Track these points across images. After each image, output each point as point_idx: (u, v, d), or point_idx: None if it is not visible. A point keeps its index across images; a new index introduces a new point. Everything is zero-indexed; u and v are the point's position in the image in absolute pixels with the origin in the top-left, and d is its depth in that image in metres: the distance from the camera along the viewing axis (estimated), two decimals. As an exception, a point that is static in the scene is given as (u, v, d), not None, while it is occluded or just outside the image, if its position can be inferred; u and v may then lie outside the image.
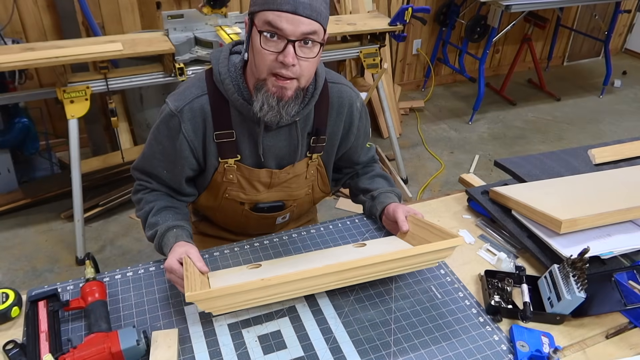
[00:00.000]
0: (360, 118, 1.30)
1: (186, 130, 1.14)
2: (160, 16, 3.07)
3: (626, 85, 4.59)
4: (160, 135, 1.18)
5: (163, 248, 1.14)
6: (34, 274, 2.37)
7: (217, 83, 1.14)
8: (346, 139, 1.31)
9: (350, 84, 1.28)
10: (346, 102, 1.25)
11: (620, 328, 1.04)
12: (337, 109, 1.24)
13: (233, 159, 1.20)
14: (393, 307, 1.07)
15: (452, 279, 1.16)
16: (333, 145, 1.30)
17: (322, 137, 1.25)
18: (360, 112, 1.29)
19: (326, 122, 1.24)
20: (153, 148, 1.21)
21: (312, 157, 1.27)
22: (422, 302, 1.09)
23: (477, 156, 3.42)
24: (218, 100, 1.15)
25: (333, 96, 1.23)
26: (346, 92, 1.25)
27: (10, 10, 2.73)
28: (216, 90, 1.15)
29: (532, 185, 1.37)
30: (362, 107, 1.30)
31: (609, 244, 1.15)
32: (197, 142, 1.17)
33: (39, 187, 2.77)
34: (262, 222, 1.36)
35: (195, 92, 1.15)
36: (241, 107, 1.13)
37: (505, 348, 0.99)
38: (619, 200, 1.23)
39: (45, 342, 0.93)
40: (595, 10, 4.57)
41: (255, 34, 1.02)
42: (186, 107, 1.13)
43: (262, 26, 1.00)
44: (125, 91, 3.01)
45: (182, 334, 0.98)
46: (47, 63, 2.10)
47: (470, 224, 1.34)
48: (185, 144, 1.16)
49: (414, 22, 3.29)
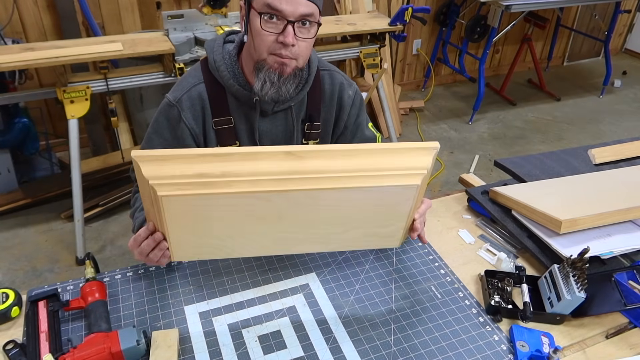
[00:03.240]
0: (353, 106, 1.30)
1: (187, 119, 1.16)
2: (160, 16, 3.07)
3: (626, 85, 4.59)
4: (160, 127, 1.18)
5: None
6: (34, 274, 2.37)
7: (212, 71, 1.17)
8: (337, 126, 1.32)
9: (343, 73, 1.30)
10: (337, 88, 1.27)
11: (620, 328, 1.04)
12: (329, 95, 1.26)
13: (232, 146, 1.20)
14: (393, 307, 1.07)
15: (452, 279, 1.16)
16: (327, 132, 1.31)
17: (316, 124, 1.26)
18: (354, 100, 1.30)
19: (319, 109, 1.26)
20: (153, 142, 1.20)
21: (308, 144, 1.28)
22: (422, 302, 1.09)
23: (477, 156, 3.42)
24: (214, 87, 1.17)
25: (325, 83, 1.26)
26: (337, 79, 1.27)
27: (10, 10, 2.73)
28: (212, 78, 1.17)
29: (532, 185, 1.38)
30: (355, 95, 1.30)
31: (609, 244, 1.15)
32: (198, 129, 1.18)
33: (39, 187, 2.77)
34: None
35: (192, 81, 1.18)
36: (237, 92, 1.16)
37: (505, 348, 0.99)
38: (619, 200, 1.23)
39: (45, 342, 0.93)
40: (595, 10, 4.57)
41: (255, 16, 1.05)
42: (184, 96, 1.16)
43: (262, 8, 1.03)
44: (125, 91, 3.01)
45: (182, 334, 0.98)
46: (47, 63, 2.10)
47: (470, 224, 1.34)
48: (187, 132, 1.17)
49: (414, 22, 3.29)
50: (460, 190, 1.48)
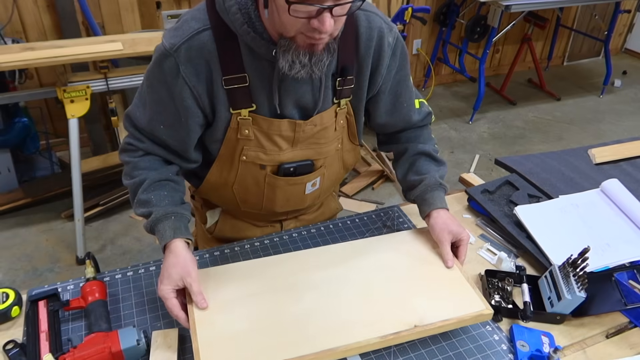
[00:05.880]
0: (393, 56, 1.08)
1: (186, 74, 0.95)
2: (160, 16, 3.07)
3: (626, 85, 4.59)
4: (154, 80, 0.98)
5: (156, 235, 1.01)
6: (34, 274, 2.37)
7: (221, 13, 0.94)
8: (372, 81, 1.09)
9: (383, 14, 1.06)
10: (375, 33, 1.03)
11: (620, 328, 1.04)
12: (365, 42, 1.02)
13: (247, 109, 1.01)
14: (393, 306, 1.07)
15: (452, 278, 1.15)
16: (361, 87, 1.08)
17: (349, 78, 1.04)
18: (394, 50, 1.07)
19: (353, 59, 1.03)
20: (145, 97, 1.01)
21: (340, 103, 1.08)
22: (422, 302, 1.09)
23: (477, 156, 3.42)
24: (224, 35, 0.94)
25: (361, 25, 1.01)
26: (376, 22, 1.03)
27: (10, 10, 2.73)
28: (221, 23, 0.94)
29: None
30: (396, 43, 1.07)
31: (606, 258, 1.14)
32: (201, 88, 0.97)
33: (39, 187, 2.77)
34: (289, 191, 1.16)
35: (195, 25, 0.94)
36: (252, 41, 0.93)
37: (505, 348, 0.99)
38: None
39: (45, 341, 0.93)
40: (595, 10, 4.57)
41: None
42: (184, 45, 0.93)
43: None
44: (125, 91, 3.00)
45: (183, 334, 0.98)
46: (47, 63, 2.10)
47: (471, 224, 1.34)
48: (186, 91, 0.97)
49: (414, 22, 3.29)
50: (461, 189, 1.48)
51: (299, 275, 1.03)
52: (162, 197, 1.02)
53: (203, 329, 0.90)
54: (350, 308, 0.96)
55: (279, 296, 0.98)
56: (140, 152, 1.06)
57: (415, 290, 1.01)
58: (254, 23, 0.92)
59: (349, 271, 1.05)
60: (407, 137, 1.24)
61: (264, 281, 1.01)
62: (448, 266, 1.06)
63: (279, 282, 1.01)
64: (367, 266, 1.06)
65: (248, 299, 0.97)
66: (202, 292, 0.94)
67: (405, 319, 0.94)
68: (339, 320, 0.94)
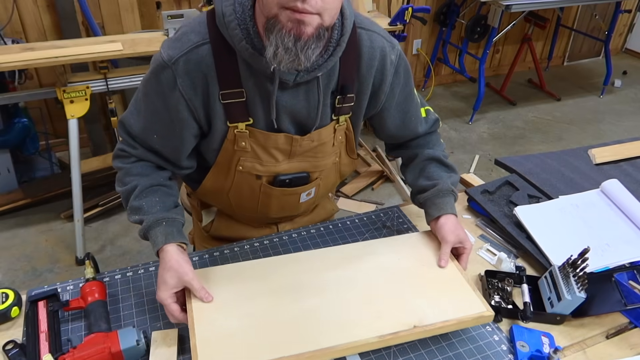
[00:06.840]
0: (396, 74, 1.08)
1: (183, 87, 0.95)
2: (160, 16, 3.07)
3: (626, 85, 4.59)
4: (150, 90, 0.98)
5: (150, 241, 1.01)
6: (34, 274, 2.37)
7: (220, 28, 0.93)
8: (374, 100, 1.09)
9: (385, 32, 1.06)
10: (377, 53, 1.03)
11: (620, 328, 1.04)
12: (367, 62, 1.02)
13: (244, 123, 1.01)
14: (393, 307, 1.07)
15: (452, 279, 1.15)
16: (361, 105, 1.09)
17: (349, 96, 1.04)
18: (397, 67, 1.08)
19: (354, 78, 1.03)
20: (140, 105, 1.01)
21: (339, 120, 1.08)
22: (422, 302, 1.09)
23: (477, 156, 3.42)
24: (223, 50, 0.94)
25: (363, 46, 1.01)
26: (378, 42, 1.03)
27: (10, 10, 2.73)
28: (220, 38, 0.93)
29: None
30: (398, 60, 1.07)
31: (606, 258, 1.14)
32: (198, 101, 0.97)
33: (39, 187, 2.77)
34: (284, 200, 1.18)
35: (194, 39, 0.94)
36: (250, 58, 0.93)
37: (505, 348, 0.99)
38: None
39: (45, 342, 0.93)
40: (596, 10, 4.57)
41: None
42: (182, 58, 0.93)
43: None
44: (125, 91, 3.00)
45: (182, 334, 0.98)
46: (47, 63, 2.10)
47: (471, 224, 1.34)
48: (182, 104, 0.96)
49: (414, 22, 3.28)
50: (460, 190, 1.48)
51: (300, 276, 1.03)
52: (154, 204, 1.02)
53: (201, 326, 0.90)
54: (350, 308, 0.96)
55: (279, 296, 0.98)
56: (132, 158, 1.06)
57: (416, 292, 1.01)
58: (252, 39, 0.92)
59: (349, 272, 1.05)
60: (417, 144, 1.26)
61: (264, 282, 1.01)
62: (441, 265, 1.06)
63: (279, 283, 1.01)
64: (367, 267, 1.06)
65: (247, 299, 0.97)
66: (204, 287, 0.95)
67: (404, 319, 0.94)
68: (338, 320, 0.94)
